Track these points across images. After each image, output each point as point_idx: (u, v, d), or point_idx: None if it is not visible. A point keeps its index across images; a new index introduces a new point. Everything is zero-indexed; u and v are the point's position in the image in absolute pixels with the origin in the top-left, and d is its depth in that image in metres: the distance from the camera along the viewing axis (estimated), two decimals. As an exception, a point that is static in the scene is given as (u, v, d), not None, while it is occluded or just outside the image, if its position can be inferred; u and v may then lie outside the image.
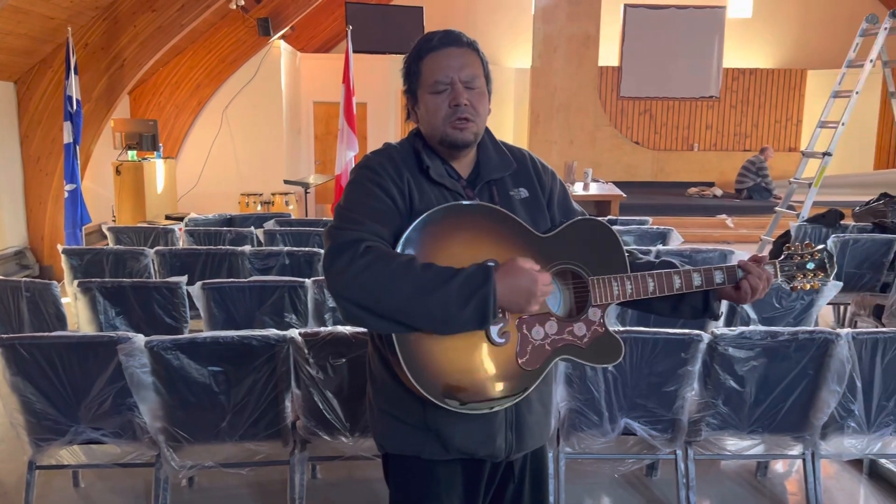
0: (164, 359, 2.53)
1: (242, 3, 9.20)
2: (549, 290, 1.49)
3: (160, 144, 9.14)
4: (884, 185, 9.83)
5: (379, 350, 1.61)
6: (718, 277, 1.68)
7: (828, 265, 1.76)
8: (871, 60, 7.17)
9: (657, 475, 3.37)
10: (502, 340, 1.49)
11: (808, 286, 1.77)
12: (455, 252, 1.47)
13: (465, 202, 1.55)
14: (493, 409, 1.51)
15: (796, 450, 2.91)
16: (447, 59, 1.56)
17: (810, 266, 1.77)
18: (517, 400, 1.52)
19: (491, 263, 1.47)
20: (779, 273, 1.75)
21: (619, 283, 1.62)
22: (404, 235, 1.46)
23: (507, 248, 1.52)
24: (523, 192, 1.67)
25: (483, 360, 1.48)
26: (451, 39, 1.57)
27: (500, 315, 1.47)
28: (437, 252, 1.46)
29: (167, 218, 8.63)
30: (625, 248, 1.67)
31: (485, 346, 1.48)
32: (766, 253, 3.66)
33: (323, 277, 1.65)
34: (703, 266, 1.69)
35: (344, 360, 2.56)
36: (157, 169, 9.05)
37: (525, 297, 1.44)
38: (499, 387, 1.48)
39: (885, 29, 7.22)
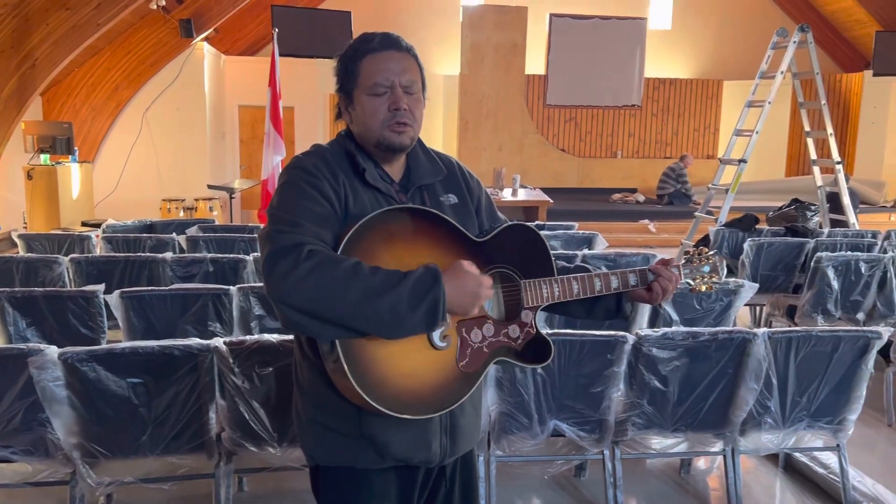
0: (79, 371, 2.43)
1: (163, 3, 9.02)
2: (492, 293, 1.50)
3: (75, 148, 8.86)
4: (794, 191, 10.21)
5: (308, 358, 1.58)
6: (633, 280, 1.75)
7: (719, 268, 1.88)
8: (782, 72, 7.50)
9: (586, 475, 3.41)
10: (444, 344, 1.49)
11: (703, 287, 1.87)
12: (397, 255, 1.47)
13: (404, 205, 1.55)
14: (434, 415, 1.51)
15: (717, 447, 2.95)
16: (387, 62, 1.55)
17: (706, 269, 1.87)
18: (458, 404, 1.52)
19: (432, 265, 1.47)
20: (681, 276, 1.83)
21: (549, 285, 1.65)
22: (346, 238, 1.43)
23: (446, 251, 1.53)
24: (453, 198, 1.68)
25: (425, 365, 1.48)
26: (391, 42, 1.57)
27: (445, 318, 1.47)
28: (379, 256, 1.45)
29: (83, 225, 8.41)
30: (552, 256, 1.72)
31: (427, 351, 1.49)
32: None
33: (262, 284, 1.59)
34: (620, 270, 1.78)
35: (271, 369, 2.53)
36: (73, 173, 8.77)
37: (470, 299, 1.45)
38: (440, 391, 1.49)
39: (794, 42, 7.57)
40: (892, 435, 3.97)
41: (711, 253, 1.91)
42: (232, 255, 4.20)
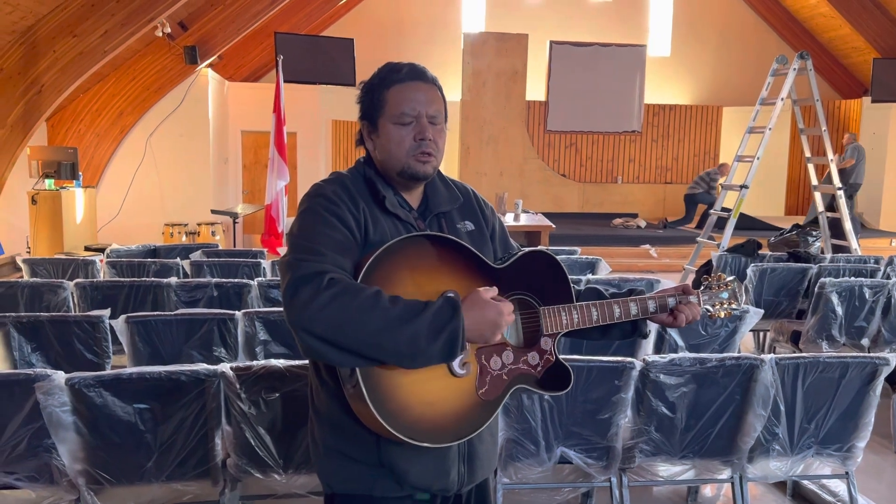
0: (86, 397, 2.41)
1: (169, 30, 9.07)
2: (512, 319, 1.49)
3: (80, 173, 8.87)
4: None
5: (326, 384, 1.57)
6: (652, 306, 1.74)
7: (738, 294, 1.86)
8: (782, 98, 7.51)
9: (592, 503, 3.37)
10: (463, 372, 1.49)
11: (722, 314, 1.86)
12: (417, 282, 1.46)
13: (423, 233, 1.55)
14: (454, 443, 1.50)
15: (725, 474, 2.92)
16: (415, 93, 1.57)
17: (724, 295, 1.86)
18: (478, 432, 1.51)
19: (451, 294, 1.46)
20: (701, 302, 1.82)
21: (568, 312, 1.64)
22: (366, 266, 1.43)
23: (466, 277, 1.53)
24: (469, 225, 1.69)
25: (445, 393, 1.47)
26: (418, 73, 1.59)
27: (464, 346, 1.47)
28: (399, 283, 1.45)
29: (86, 249, 8.36)
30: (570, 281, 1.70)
31: (447, 379, 1.48)
32: (688, 282, 3.78)
33: (266, 308, 1.67)
34: (639, 295, 1.75)
35: (277, 394, 2.51)
36: (77, 198, 8.77)
37: (490, 328, 1.45)
38: (460, 419, 1.48)
39: (794, 70, 7.58)
40: (899, 462, 3.98)
41: (730, 279, 1.89)
42: (236, 280, 4.18)
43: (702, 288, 1.87)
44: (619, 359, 2.66)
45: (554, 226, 9.05)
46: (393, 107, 1.57)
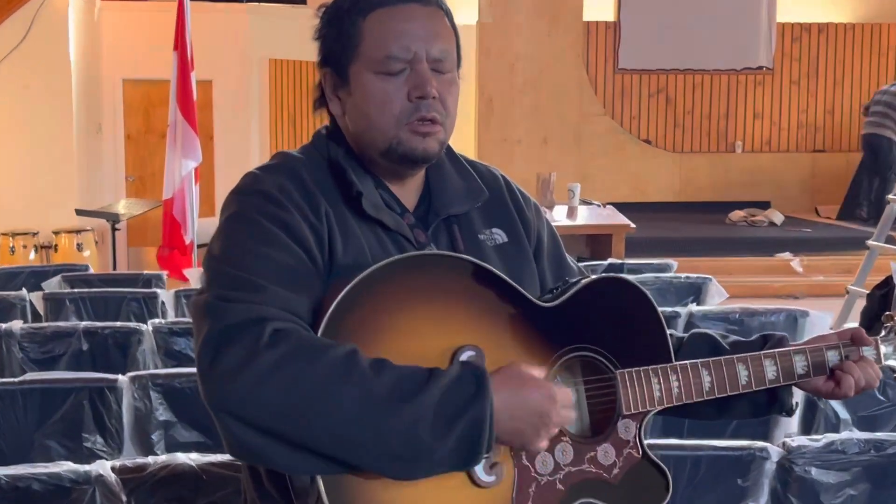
0: None
1: None
2: (572, 416, 1.20)
3: None
4: None
5: (269, 499, 1.22)
6: (801, 365, 1.38)
7: None
8: None
9: None
10: (492, 478, 1.19)
11: None
12: (414, 336, 1.16)
13: (424, 252, 1.26)
14: None
15: None
16: (408, 22, 1.23)
17: None
18: None
19: (471, 353, 1.15)
20: (882, 356, 1.46)
21: (661, 379, 1.31)
22: (332, 308, 1.11)
23: (494, 327, 1.22)
24: (499, 236, 1.37)
25: None
26: None
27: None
28: (386, 337, 1.15)
29: None
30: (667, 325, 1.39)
31: (465, 490, 1.18)
32: (857, 318, 3.90)
33: (198, 381, 1.13)
34: (778, 348, 1.39)
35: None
36: None
37: (533, 426, 1.14)
38: None
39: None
40: None
41: None
42: (119, 324, 3.69)
43: (883, 333, 1.51)
44: (745, 443, 2.27)
45: (633, 225, 7.61)
46: (373, 46, 1.23)
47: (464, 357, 1.14)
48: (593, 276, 1.29)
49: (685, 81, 11.07)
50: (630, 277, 1.34)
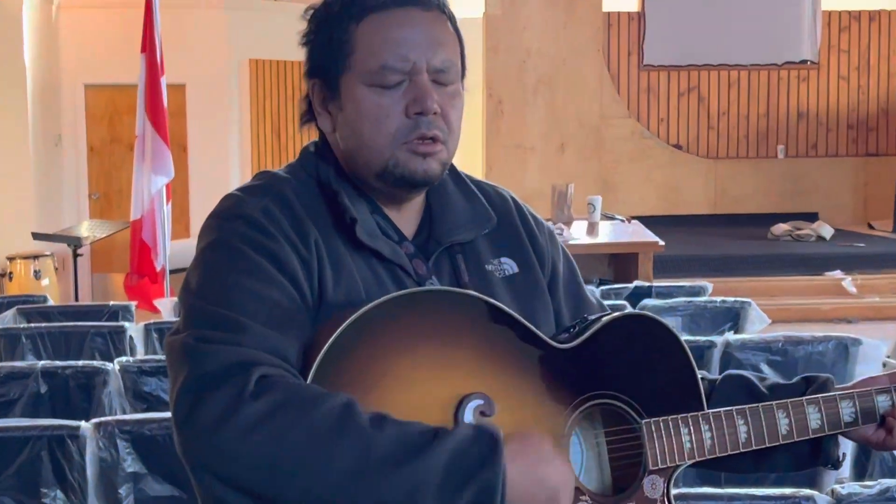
0: None
1: None
2: None
3: None
4: None
5: None
6: (848, 412, 1.36)
7: None
8: None
9: None
10: None
11: None
12: (416, 385, 1.14)
13: (429, 288, 1.22)
14: None
15: None
16: (406, 29, 1.18)
17: None
18: None
19: (478, 400, 1.14)
20: None
21: (693, 429, 1.29)
22: (321, 354, 1.08)
23: (502, 373, 1.19)
24: (508, 267, 1.33)
25: None
26: None
27: None
28: (384, 386, 1.13)
29: None
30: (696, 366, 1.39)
31: None
32: None
33: (174, 432, 1.11)
34: (822, 393, 1.36)
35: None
36: None
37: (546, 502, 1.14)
38: None
39: None
40: None
41: None
42: (82, 363, 3.57)
43: None
44: (790, 491, 2.16)
45: (662, 242, 7.29)
46: (367, 55, 1.19)
47: (471, 406, 1.13)
48: (615, 313, 1.28)
49: (719, 78, 10.63)
50: (656, 316, 1.33)
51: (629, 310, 1.40)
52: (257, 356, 1.04)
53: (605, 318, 1.22)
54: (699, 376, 1.28)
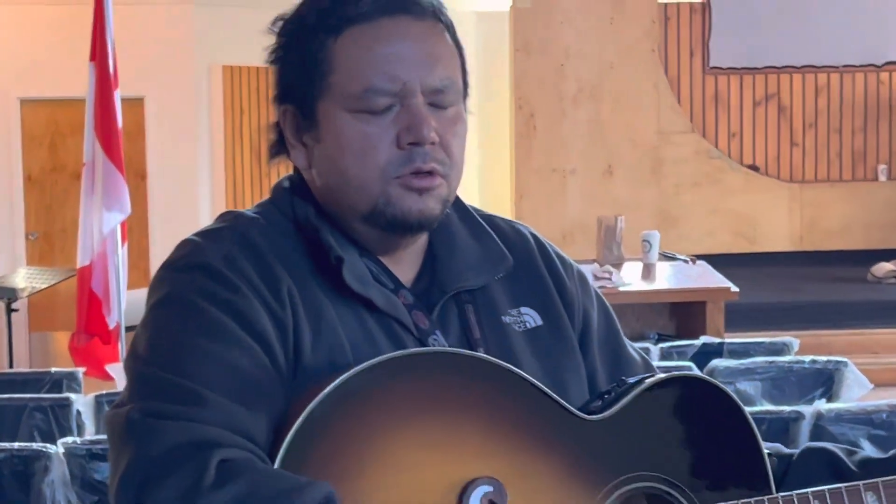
0: None
1: None
2: None
3: None
4: None
5: None
6: None
7: None
8: None
9: None
10: None
11: None
12: (412, 467, 1.05)
13: (430, 349, 1.14)
14: None
15: None
16: (395, 43, 1.10)
17: None
18: None
19: (486, 488, 1.06)
20: None
21: None
22: (293, 431, 1.00)
23: (517, 453, 1.12)
24: (530, 318, 1.24)
25: None
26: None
27: None
28: (372, 471, 1.05)
29: None
30: (761, 439, 1.30)
31: None
32: None
33: None
34: None
35: None
36: None
37: None
38: None
39: None
40: None
41: None
42: (18, 445, 3.48)
43: None
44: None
45: (736, 288, 6.70)
46: (349, 75, 1.11)
47: (477, 493, 1.05)
48: (659, 375, 1.21)
49: (803, 84, 9.51)
50: (709, 378, 1.29)
51: (676, 371, 1.17)
52: (218, 435, 0.98)
53: (648, 381, 1.16)
54: (766, 452, 1.22)
